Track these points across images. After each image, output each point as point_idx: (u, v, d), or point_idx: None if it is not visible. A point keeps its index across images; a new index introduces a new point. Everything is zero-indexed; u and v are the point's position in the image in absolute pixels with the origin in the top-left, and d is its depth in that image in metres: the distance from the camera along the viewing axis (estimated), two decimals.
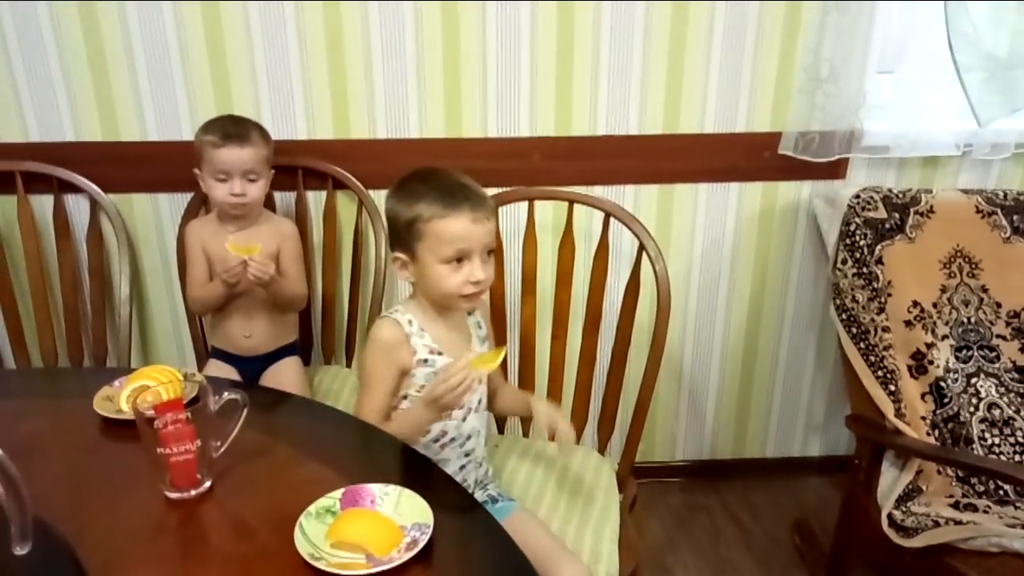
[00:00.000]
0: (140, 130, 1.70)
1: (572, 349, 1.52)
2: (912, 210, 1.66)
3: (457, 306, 1.16)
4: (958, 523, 1.37)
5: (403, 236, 1.13)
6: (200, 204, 1.72)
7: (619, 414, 1.53)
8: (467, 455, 1.23)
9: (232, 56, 1.65)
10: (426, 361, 1.15)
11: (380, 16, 1.64)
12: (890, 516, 1.45)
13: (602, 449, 1.50)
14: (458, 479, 1.18)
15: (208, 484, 0.89)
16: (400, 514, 0.84)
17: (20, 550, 0.63)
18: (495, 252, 1.20)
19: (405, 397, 1.16)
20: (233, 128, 1.52)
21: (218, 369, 1.64)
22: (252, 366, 1.66)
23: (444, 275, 1.10)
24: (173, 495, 0.88)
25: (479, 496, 1.24)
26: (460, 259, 1.10)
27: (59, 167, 1.69)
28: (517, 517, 1.20)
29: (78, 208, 1.76)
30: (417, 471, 0.96)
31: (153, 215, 1.78)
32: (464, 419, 1.20)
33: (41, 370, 1.72)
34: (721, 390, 2.05)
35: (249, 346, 1.65)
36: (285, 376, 1.65)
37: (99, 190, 1.71)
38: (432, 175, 1.14)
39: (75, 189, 1.71)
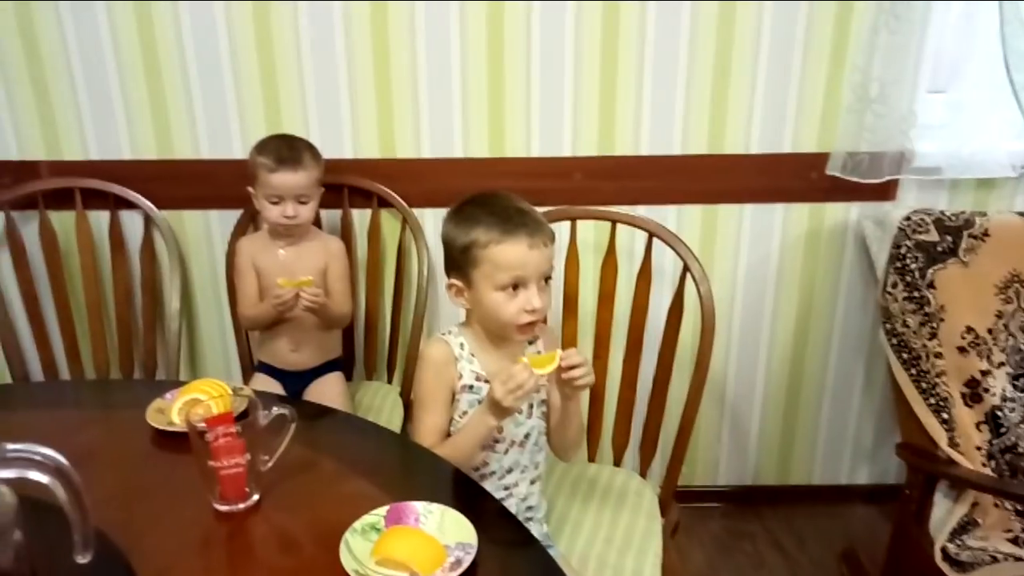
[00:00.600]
0: (193, 148, 1.75)
1: (614, 370, 1.51)
2: (966, 233, 1.62)
3: (512, 336, 1.12)
4: (1018, 559, 1.32)
5: (458, 262, 1.11)
6: (249, 221, 1.76)
7: (660, 437, 1.51)
8: (506, 489, 1.19)
9: (282, 76, 1.69)
10: (471, 388, 1.14)
11: (426, 37, 1.66)
12: (944, 549, 1.40)
13: (643, 472, 1.48)
14: None
15: (256, 497, 0.91)
16: (444, 533, 0.84)
17: (82, 559, 0.65)
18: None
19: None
20: (287, 152, 1.55)
21: (264, 383, 1.66)
22: (297, 381, 1.69)
23: (500, 303, 1.08)
24: (222, 507, 0.89)
25: None
26: (516, 286, 1.07)
27: (115, 184, 1.74)
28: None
29: (132, 224, 1.81)
30: (460, 490, 0.96)
31: (204, 231, 1.82)
32: (506, 452, 1.17)
33: (95, 382, 1.77)
34: (765, 414, 2.01)
35: (295, 360, 1.68)
36: (329, 391, 1.67)
37: (152, 206, 1.76)
38: (489, 200, 1.12)
39: (130, 205, 1.76)
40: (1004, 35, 1.55)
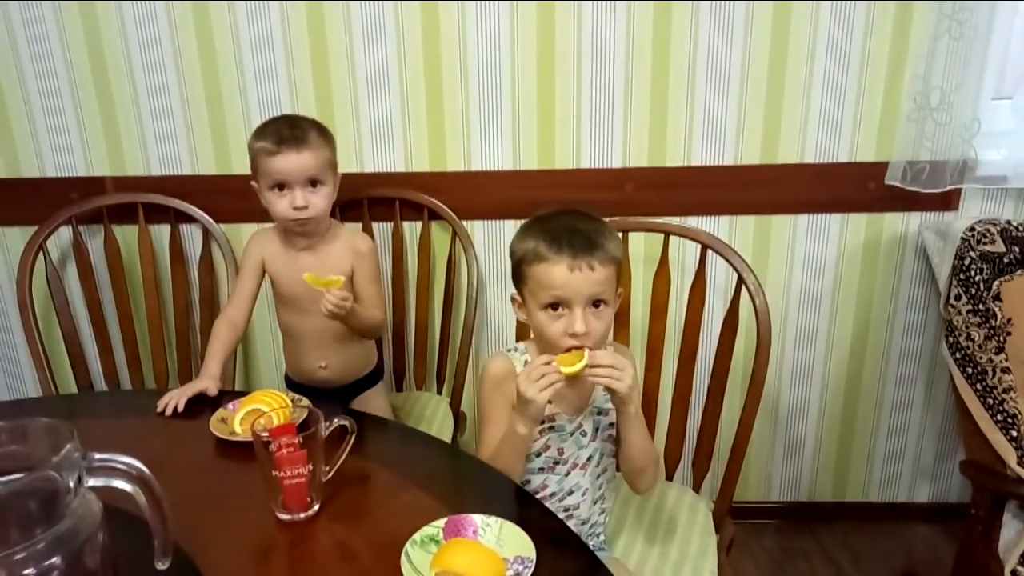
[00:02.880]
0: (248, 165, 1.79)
1: (666, 384, 1.49)
2: None
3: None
4: None
5: (515, 275, 1.11)
6: None
7: (714, 452, 1.48)
8: (567, 511, 1.17)
9: (336, 91, 1.73)
10: None
11: (477, 50, 1.68)
12: (1015, 573, 1.35)
13: (697, 487, 1.46)
14: None
15: (317, 507, 0.92)
16: (502, 546, 0.84)
17: (162, 565, 0.66)
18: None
19: None
20: (289, 131, 1.34)
21: None
22: (331, 398, 1.51)
23: (544, 322, 1.06)
24: (284, 516, 0.91)
25: None
26: (559, 306, 1.04)
27: (176, 198, 1.80)
28: (608, 566, 1.15)
29: (192, 237, 1.87)
30: (518, 503, 0.96)
31: None
32: (567, 474, 1.16)
33: (156, 391, 1.80)
34: (820, 429, 1.96)
35: (326, 378, 1.53)
36: (373, 408, 1.57)
37: (211, 220, 1.81)
38: (554, 216, 1.10)
39: (190, 219, 1.82)
40: None
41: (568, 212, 1.11)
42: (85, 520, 0.58)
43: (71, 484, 0.57)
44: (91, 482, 0.60)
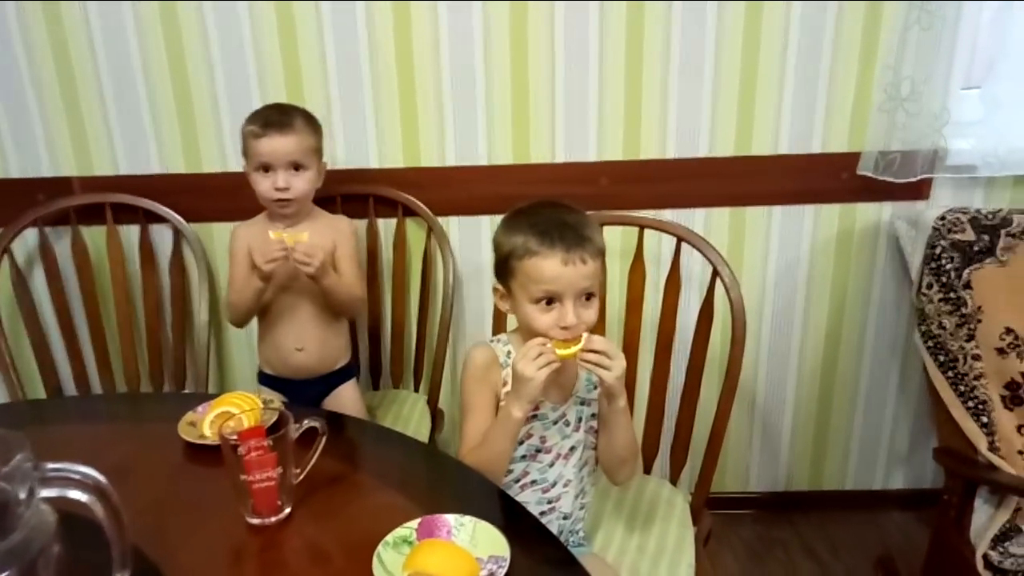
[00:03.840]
0: (220, 162, 1.77)
1: (642, 377, 1.49)
2: (1003, 232, 1.57)
3: None
4: None
5: (500, 269, 1.10)
6: None
7: (691, 444, 1.49)
8: (550, 503, 1.17)
9: (307, 86, 1.70)
10: None
11: (450, 45, 1.66)
12: (986, 557, 1.37)
13: (674, 479, 1.46)
14: None
15: (288, 511, 0.91)
16: (476, 546, 0.83)
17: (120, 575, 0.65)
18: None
19: None
20: (276, 116, 1.43)
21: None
22: (304, 392, 1.56)
23: (534, 315, 1.05)
24: (254, 521, 0.89)
25: None
26: (551, 300, 1.04)
27: (145, 198, 1.76)
28: (587, 562, 1.15)
29: (162, 238, 1.83)
30: (493, 502, 0.95)
31: None
32: (551, 465, 1.15)
33: (126, 395, 1.79)
34: (796, 419, 1.98)
35: (301, 363, 1.54)
36: (345, 404, 1.59)
37: (182, 220, 1.78)
38: (539, 209, 1.09)
39: (160, 219, 1.78)
40: None
41: (551, 204, 1.11)
42: (38, 531, 0.57)
43: (22, 495, 0.56)
44: (44, 493, 0.58)
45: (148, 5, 1.65)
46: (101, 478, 0.61)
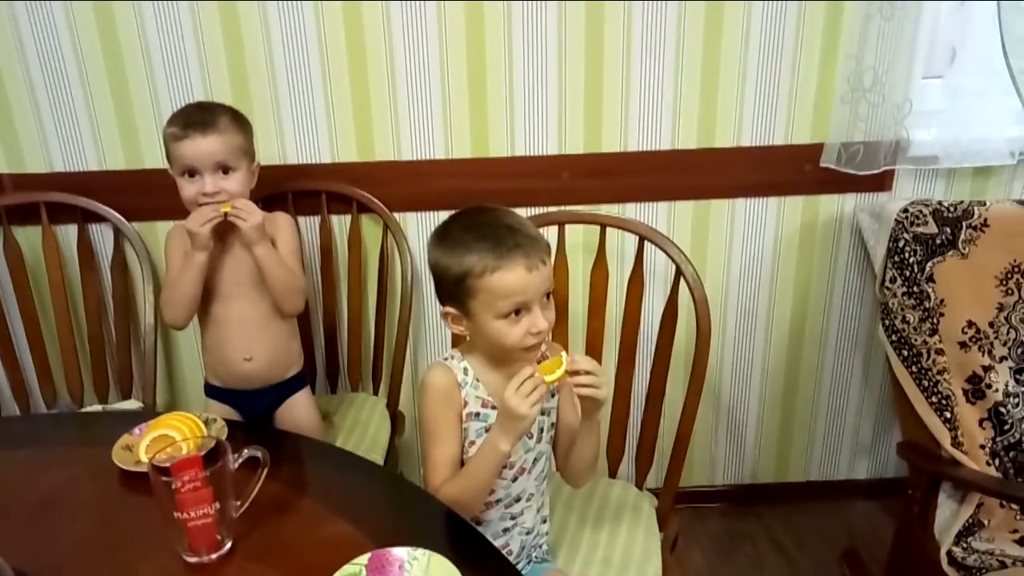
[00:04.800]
0: (162, 157, 1.66)
1: (606, 380, 1.45)
2: (965, 224, 1.57)
3: (519, 359, 1.03)
4: None
5: (453, 292, 1.02)
6: None
7: (657, 442, 1.46)
8: (513, 518, 1.13)
9: (253, 78, 1.62)
10: (478, 415, 1.07)
11: (403, 35, 1.59)
12: (950, 553, 1.37)
13: (640, 483, 1.43)
14: (499, 543, 1.11)
15: (228, 545, 0.85)
16: None
17: None
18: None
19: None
20: (197, 115, 1.33)
21: (216, 411, 1.35)
22: (255, 403, 1.49)
23: (503, 331, 1.00)
24: (192, 559, 0.83)
25: (521, 565, 1.15)
26: (519, 311, 1.00)
27: (82, 196, 1.67)
28: None
29: (102, 237, 1.74)
30: (452, 533, 0.90)
31: None
32: (514, 480, 1.10)
33: (64, 415, 1.69)
34: (762, 412, 1.97)
35: (250, 372, 1.45)
36: (299, 414, 1.52)
37: (122, 219, 1.69)
38: (476, 220, 1.03)
39: (99, 218, 1.69)
40: (1001, 19, 1.50)
41: (479, 210, 1.05)
42: None
43: None
44: None
45: None
46: None
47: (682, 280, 1.35)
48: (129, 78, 1.62)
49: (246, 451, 0.86)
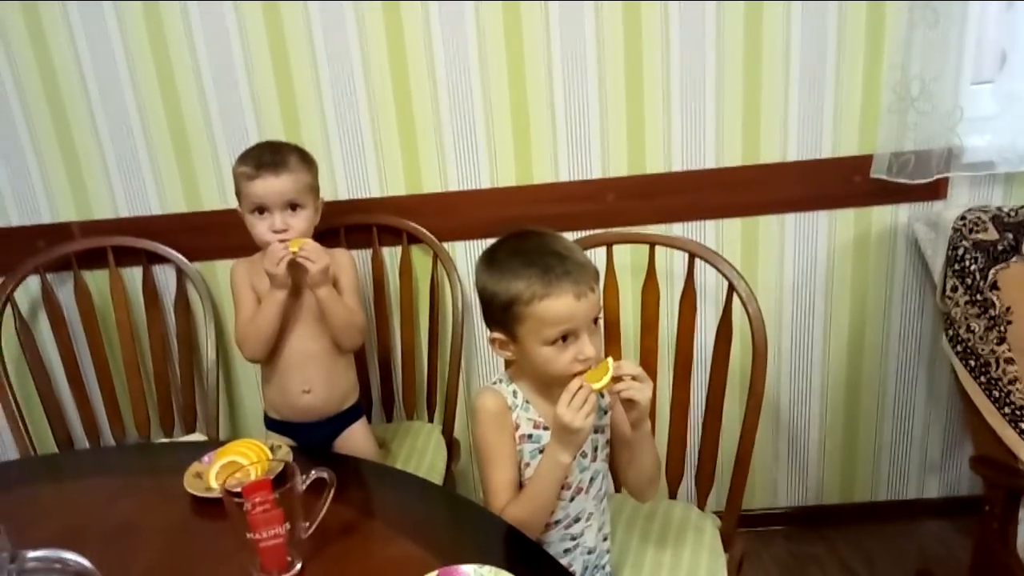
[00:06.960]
0: (221, 199, 1.74)
1: (663, 399, 1.44)
2: None
3: (566, 384, 1.01)
4: None
5: (500, 318, 1.03)
6: None
7: (717, 464, 1.44)
8: (573, 539, 1.12)
9: (304, 118, 1.68)
10: (531, 436, 1.08)
11: (446, 69, 1.64)
12: None
13: (701, 504, 1.41)
14: (562, 563, 1.10)
15: (298, 566, 0.87)
16: None
17: None
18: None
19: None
20: (269, 156, 1.38)
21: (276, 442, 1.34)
22: (313, 435, 1.51)
23: (549, 357, 1.00)
24: None
25: None
26: (566, 337, 1.00)
27: (146, 239, 1.74)
28: None
29: (165, 278, 1.81)
30: (515, 549, 0.90)
31: None
32: (572, 499, 1.10)
33: (135, 446, 1.75)
34: (823, 431, 1.91)
35: (309, 405, 1.48)
36: (357, 444, 1.54)
37: (184, 259, 1.75)
38: (524, 247, 1.03)
39: (162, 260, 1.76)
40: None
41: (527, 235, 1.06)
42: None
43: None
44: None
45: (140, 46, 1.64)
46: (86, 563, 0.57)
47: (735, 296, 1.34)
48: (187, 124, 1.69)
49: (313, 472, 0.88)
